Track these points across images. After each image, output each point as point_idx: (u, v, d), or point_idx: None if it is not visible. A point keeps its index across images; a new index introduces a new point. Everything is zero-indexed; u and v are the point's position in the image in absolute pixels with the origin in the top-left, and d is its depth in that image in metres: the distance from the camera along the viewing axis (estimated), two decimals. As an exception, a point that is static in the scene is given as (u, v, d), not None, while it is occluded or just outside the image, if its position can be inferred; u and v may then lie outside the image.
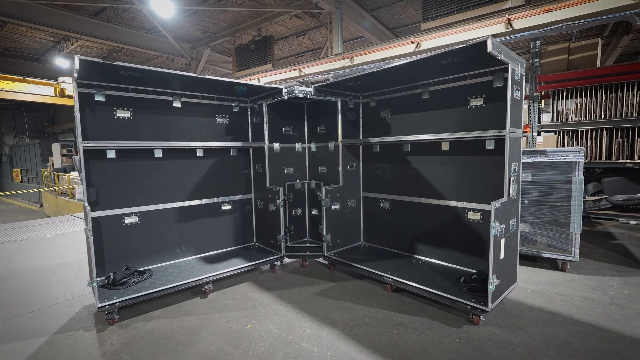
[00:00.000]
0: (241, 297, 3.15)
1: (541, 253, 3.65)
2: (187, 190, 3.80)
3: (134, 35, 9.44)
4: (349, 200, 4.13)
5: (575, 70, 5.98)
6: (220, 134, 4.01)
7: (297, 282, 3.49)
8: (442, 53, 2.49)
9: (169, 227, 3.66)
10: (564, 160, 3.47)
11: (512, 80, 2.52)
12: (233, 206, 4.18)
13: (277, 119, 4.19)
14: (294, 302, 3.01)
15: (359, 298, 3.06)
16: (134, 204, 3.41)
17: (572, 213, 3.46)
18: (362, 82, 3.47)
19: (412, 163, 3.70)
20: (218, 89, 3.73)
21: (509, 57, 2.45)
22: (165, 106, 3.58)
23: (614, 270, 3.61)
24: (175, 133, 3.65)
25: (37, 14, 7.83)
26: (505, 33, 5.30)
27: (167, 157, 3.63)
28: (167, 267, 3.49)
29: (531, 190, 3.66)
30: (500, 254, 2.54)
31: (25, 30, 9.62)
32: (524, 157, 3.65)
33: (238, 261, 3.65)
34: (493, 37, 5.39)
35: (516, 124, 2.65)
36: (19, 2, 7.30)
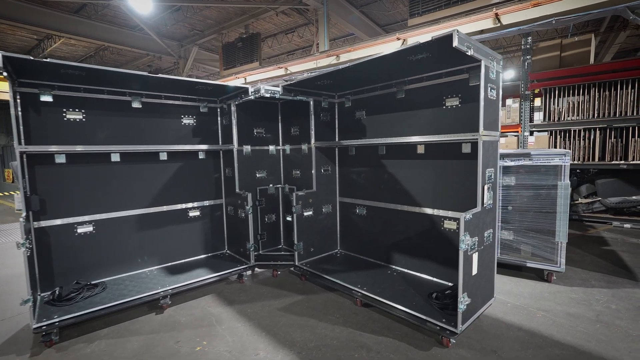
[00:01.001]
0: (200, 312, 2.93)
1: (526, 262, 3.43)
2: (150, 196, 3.57)
3: (118, 33, 9.19)
4: (324, 206, 3.90)
5: (567, 68, 5.74)
6: (187, 137, 3.78)
7: (264, 294, 3.27)
8: (407, 48, 2.26)
9: (128, 236, 3.43)
10: (549, 164, 3.24)
11: (485, 78, 2.28)
12: (202, 212, 3.95)
13: (248, 120, 3.96)
14: (254, 319, 2.79)
15: (325, 314, 2.84)
16: (88, 212, 3.18)
17: (557, 220, 3.23)
18: (332, 80, 3.24)
19: (387, 167, 3.47)
20: (183, 89, 3.49)
21: (481, 53, 2.21)
22: (124, 107, 3.35)
23: (602, 280, 3.38)
24: (135, 136, 3.42)
25: (14, 10, 7.58)
26: (493, 29, 5.05)
27: (127, 162, 3.39)
28: (124, 280, 3.26)
29: (515, 196, 3.43)
30: (473, 270, 2.31)
31: (5, 27, 9.36)
32: (507, 160, 3.42)
33: (202, 272, 3.43)
34: (481, 33, 5.15)
35: (491, 126, 2.42)
36: (-6, -1, 7.06)
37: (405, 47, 2.25)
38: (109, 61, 12.91)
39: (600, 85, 5.51)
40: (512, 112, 6.29)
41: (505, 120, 6.39)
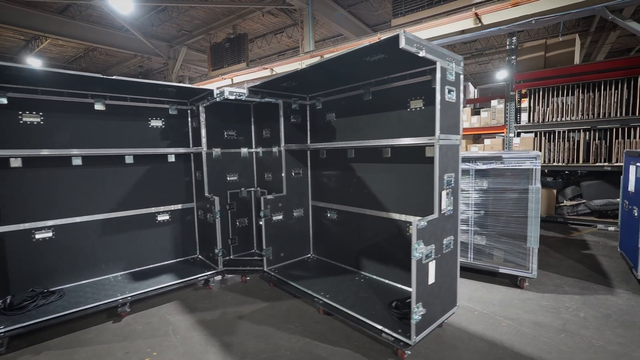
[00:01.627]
0: (158, 321, 2.85)
1: (498, 268, 3.35)
2: (115, 200, 3.48)
3: (104, 33, 9.11)
4: (295, 210, 3.82)
5: (551, 69, 5.66)
6: (155, 139, 3.70)
7: (228, 301, 3.19)
8: (359, 49, 2.18)
9: (92, 242, 3.35)
10: (520, 168, 3.16)
11: (442, 80, 2.20)
12: (171, 216, 3.87)
13: (219, 122, 3.88)
14: (212, 328, 2.71)
15: (285, 322, 2.76)
16: (47, 218, 3.10)
17: (529, 225, 3.15)
18: (296, 82, 3.16)
19: (356, 171, 3.39)
20: (149, 91, 3.41)
21: (435, 54, 2.13)
22: (86, 109, 3.27)
23: (576, 287, 3.30)
24: (98, 139, 3.34)
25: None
26: (474, 28, 4.98)
27: (90, 165, 3.32)
28: (85, 287, 3.18)
29: (488, 200, 3.35)
30: (429, 279, 2.23)
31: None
32: (480, 163, 3.34)
33: (167, 278, 3.35)
34: (462, 33, 5.08)
35: (451, 130, 2.34)
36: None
37: (357, 48, 2.17)
38: (99, 62, 12.85)
39: (585, 86, 5.43)
40: (497, 113, 6.21)
41: (490, 122, 6.32)
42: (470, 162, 3.39)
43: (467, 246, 3.51)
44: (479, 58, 12.11)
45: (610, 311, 2.80)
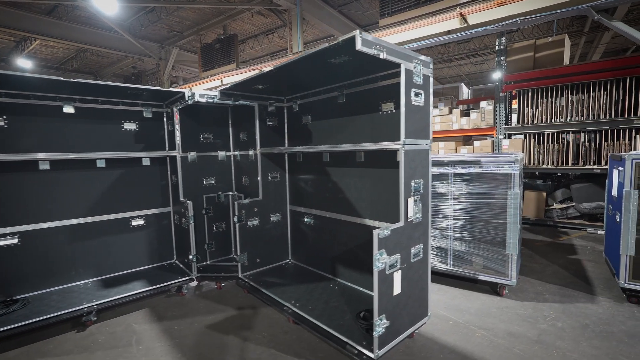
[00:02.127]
0: (123, 330, 2.77)
1: (477, 275, 3.26)
2: (87, 205, 3.40)
3: (92, 34, 9.05)
4: (272, 215, 3.74)
5: (540, 69, 5.57)
6: (128, 143, 3.62)
7: (199, 309, 3.10)
8: (316, 52, 2.09)
9: (61, 248, 3.27)
10: (498, 172, 3.07)
11: (407, 83, 2.12)
12: (147, 221, 3.79)
13: (195, 125, 3.80)
14: (177, 338, 2.62)
15: (254, 332, 2.67)
16: (11, 224, 3.02)
17: (507, 231, 3.06)
18: (267, 84, 3.08)
19: (332, 175, 3.31)
20: (119, 93, 3.33)
21: (398, 56, 2.05)
22: (54, 112, 3.19)
23: (557, 294, 3.21)
24: (67, 143, 3.26)
25: None
26: (460, 29, 4.90)
27: (58, 170, 3.24)
28: (52, 294, 3.10)
29: (466, 205, 3.26)
30: (394, 290, 2.14)
31: (-19, 29, 9.22)
32: (458, 167, 3.25)
33: (139, 285, 3.26)
34: (448, 33, 4.99)
35: (419, 134, 2.25)
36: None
37: (315, 51, 2.09)
38: (92, 63, 12.79)
39: (574, 87, 5.34)
40: (487, 115, 6.12)
41: (480, 123, 6.23)
42: (449, 166, 3.30)
43: (447, 252, 3.42)
44: (473, 58, 12.03)
45: (589, 320, 2.71)
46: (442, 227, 3.41)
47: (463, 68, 13.76)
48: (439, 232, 3.43)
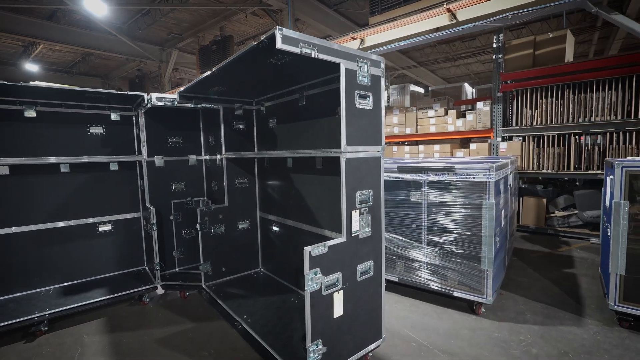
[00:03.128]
0: (71, 342, 2.68)
1: (452, 291, 3.01)
2: (50, 211, 3.35)
3: (93, 38, 9.18)
4: (240, 222, 3.59)
5: (539, 68, 5.21)
6: (95, 147, 3.55)
7: (155, 320, 2.99)
8: (243, 54, 1.91)
9: (23, 254, 3.22)
10: (473, 180, 2.81)
11: (349, 84, 1.92)
12: (114, 227, 3.71)
13: (162, 128, 3.70)
14: (120, 353, 2.51)
15: (202, 349, 2.53)
16: (-31, 229, 2.99)
17: (482, 245, 2.80)
18: (226, 86, 2.92)
19: (294, 182, 3.13)
20: (88, 96, 3.27)
21: (335, 55, 1.85)
22: (14, 116, 3.14)
23: (540, 314, 2.92)
24: (29, 147, 3.21)
25: None
26: (449, 25, 4.64)
27: (19, 174, 3.19)
28: (9, 301, 3.05)
29: (440, 215, 3.02)
30: (334, 312, 1.94)
31: (-9, 35, 9.52)
32: (431, 174, 3.01)
33: (99, 293, 3.18)
34: (437, 30, 4.73)
35: (365, 140, 2.05)
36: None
37: (240, 54, 1.92)
38: (99, 67, 13.05)
39: (576, 87, 4.97)
40: (483, 116, 5.79)
41: (476, 125, 5.90)
42: (422, 172, 3.07)
43: (420, 266, 3.18)
44: (481, 56, 11.58)
45: (569, 348, 2.43)
46: (416, 238, 3.17)
47: (471, 67, 13.29)
48: (413, 244, 3.20)
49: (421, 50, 11.26)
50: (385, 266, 3.38)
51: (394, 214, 3.29)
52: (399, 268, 3.35)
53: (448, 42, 10.43)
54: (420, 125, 6.54)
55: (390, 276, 3.40)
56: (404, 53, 11.36)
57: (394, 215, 3.30)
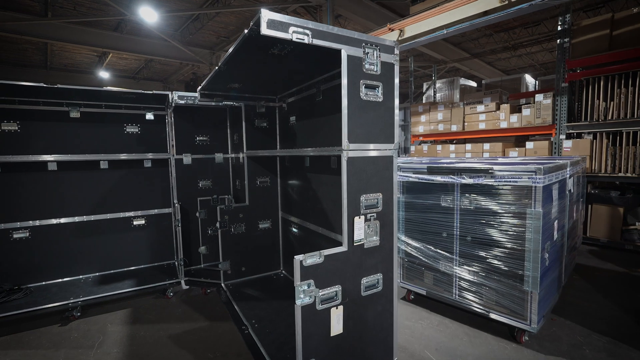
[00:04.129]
0: (96, 330, 2.83)
1: (488, 312, 2.59)
2: (90, 204, 3.61)
3: (152, 45, 9.96)
4: (261, 222, 3.53)
5: (618, 50, 4.36)
6: (131, 145, 3.75)
7: (174, 316, 3.04)
8: (239, 47, 1.77)
9: (66, 243, 3.52)
10: (515, 184, 2.38)
11: (351, 73, 1.69)
12: (147, 221, 3.90)
13: (190, 127, 3.78)
14: (135, 346, 2.57)
15: (208, 351, 2.49)
16: (23, 219, 3.33)
17: (526, 262, 2.35)
18: (241, 82, 2.85)
19: (311, 181, 2.96)
20: (124, 98, 3.47)
21: (335, 39, 1.64)
22: (61, 117, 3.43)
23: (603, 350, 2.38)
24: (73, 145, 3.49)
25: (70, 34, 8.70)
26: (500, 7, 4.08)
27: (65, 170, 3.48)
28: (53, 286, 3.34)
29: (475, 224, 2.62)
30: (331, 329, 1.73)
31: (71, 48, 10.86)
32: (466, 176, 2.63)
33: (128, 284, 3.35)
34: (485, 14, 4.21)
35: (375, 137, 1.80)
36: (45, 24, 8.18)
37: (235, 48, 1.78)
38: (159, 72, 14.20)
39: (667, 72, 4.05)
40: (543, 110, 5.03)
41: (534, 121, 5.15)
42: (455, 174, 2.69)
43: (451, 280, 2.80)
44: (547, 44, 10.25)
45: (639, 400, 1.92)
46: (446, 248, 2.80)
47: (536, 56, 11.87)
48: (443, 255, 2.83)
49: (475, 41, 10.32)
50: (412, 277, 3.08)
51: (422, 220, 2.95)
52: (427, 280, 3.00)
53: (507, 29, 9.41)
54: (468, 121, 5.93)
55: (417, 288, 3.06)
56: (456, 45, 10.52)
57: (422, 221, 2.96)
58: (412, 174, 2.99)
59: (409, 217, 3.06)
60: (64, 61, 12.36)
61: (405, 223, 3.10)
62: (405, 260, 3.15)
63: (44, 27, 8.33)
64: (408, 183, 3.05)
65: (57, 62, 12.48)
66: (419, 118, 6.77)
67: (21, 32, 8.12)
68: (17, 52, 11.12)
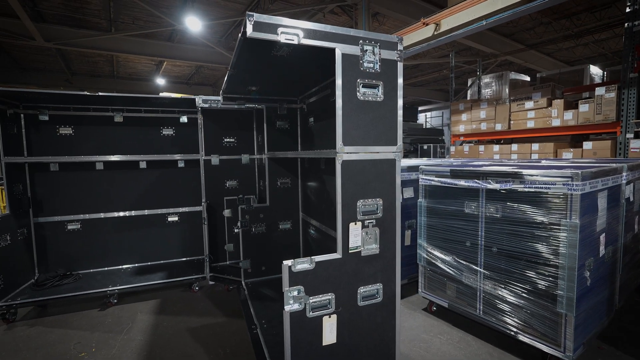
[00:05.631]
0: (127, 317, 3.08)
1: (516, 334, 2.33)
2: (130, 200, 3.96)
3: (202, 52, 10.62)
4: (281, 222, 3.56)
5: (703, 32, 3.65)
6: (166, 147, 4.03)
7: (197, 310, 3.20)
8: (240, 51, 1.78)
9: (110, 235, 3.89)
10: (548, 191, 2.10)
11: (346, 72, 1.62)
12: (181, 218, 4.16)
13: (218, 128, 3.95)
14: (156, 335, 2.75)
15: (219, 346, 2.57)
16: (76, 212, 3.75)
17: (560, 280, 2.07)
18: (256, 84, 2.89)
19: (326, 183, 2.90)
20: (159, 102, 3.75)
21: (328, 38, 1.57)
22: (107, 121, 3.80)
23: (661, 392, 1.99)
24: (117, 147, 3.84)
25: (130, 46, 9.66)
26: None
27: (110, 169, 3.85)
28: (98, 274, 3.71)
29: (502, 234, 2.37)
30: (323, 338, 1.68)
31: (133, 58, 12.04)
32: (491, 181, 2.39)
33: (159, 276, 3.60)
34: (529, 2, 3.84)
35: (374, 139, 1.71)
36: (110, 38, 9.14)
37: (236, 49, 1.79)
38: (209, 77, 15.11)
39: None
40: (605, 106, 4.38)
41: (594, 118, 4.51)
42: (480, 179, 2.46)
43: (476, 293, 2.57)
44: (619, 28, 8.97)
45: None
46: (470, 258, 2.57)
47: (607, 43, 10.46)
48: (466, 265, 2.60)
49: (531, 31, 9.40)
50: (434, 287, 2.89)
51: (445, 227, 2.75)
52: (449, 292, 2.78)
53: (569, 15, 8.42)
54: (514, 119, 5.41)
55: (439, 300, 2.86)
56: (507, 36, 9.67)
57: (444, 228, 2.75)
58: (435, 178, 2.80)
59: (431, 223, 2.87)
60: (128, 70, 13.72)
61: (427, 229, 2.91)
62: (427, 268, 2.96)
63: (109, 41, 9.32)
64: (430, 187, 2.86)
65: (123, 72, 13.90)
66: (460, 117, 6.33)
67: (92, 47, 9.18)
68: (90, 64, 12.60)
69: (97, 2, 7.75)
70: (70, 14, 8.20)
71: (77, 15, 8.32)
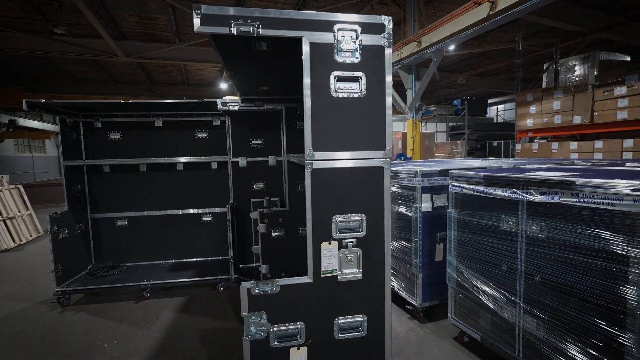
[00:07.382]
0: (154, 312, 3.24)
1: (565, 390, 1.79)
2: (169, 200, 4.21)
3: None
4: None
5: None
6: (200, 149, 4.19)
7: (216, 311, 3.23)
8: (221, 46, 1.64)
9: (152, 232, 4.19)
10: (608, 208, 1.55)
11: (315, 64, 1.37)
12: (214, 218, 4.29)
13: (245, 130, 3.95)
14: (173, 335, 2.83)
15: (226, 352, 2.52)
16: (124, 210, 4.12)
17: (629, 332, 1.51)
18: (271, 86, 2.76)
19: (339, 190, 2.64)
20: (187, 107, 3.91)
21: (292, 26, 1.34)
22: (148, 126, 4.09)
23: None
24: (157, 149, 4.12)
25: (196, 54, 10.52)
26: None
27: (151, 171, 4.15)
28: (140, 267, 4.02)
29: (547, 259, 1.85)
30: (291, 372, 1.46)
31: (200, 65, 13.11)
32: (533, 191, 1.89)
33: (189, 273, 3.76)
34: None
35: (354, 144, 1.43)
36: (178, 49, 10.04)
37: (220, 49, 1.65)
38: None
39: None
40: None
41: None
42: (519, 188, 1.96)
43: (514, 331, 2.07)
44: None
45: None
46: (507, 285, 2.08)
47: None
48: (502, 295, 2.11)
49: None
50: (465, 315, 2.45)
51: (477, 244, 2.28)
52: (483, 322, 2.30)
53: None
54: (599, 110, 4.37)
55: (470, 330, 2.40)
56: (600, 8, 8.01)
57: (477, 245, 2.29)
58: (466, 185, 2.34)
59: (462, 238, 2.41)
60: (197, 77, 15.01)
61: (458, 245, 2.46)
62: (458, 291, 2.50)
63: (177, 51, 10.24)
64: (462, 195, 2.41)
65: (193, 79, 15.26)
66: (527, 109, 5.38)
67: (162, 58, 10.20)
68: (166, 73, 14.09)
69: (164, 17, 8.54)
70: (144, 30, 9.20)
71: (150, 31, 9.30)
